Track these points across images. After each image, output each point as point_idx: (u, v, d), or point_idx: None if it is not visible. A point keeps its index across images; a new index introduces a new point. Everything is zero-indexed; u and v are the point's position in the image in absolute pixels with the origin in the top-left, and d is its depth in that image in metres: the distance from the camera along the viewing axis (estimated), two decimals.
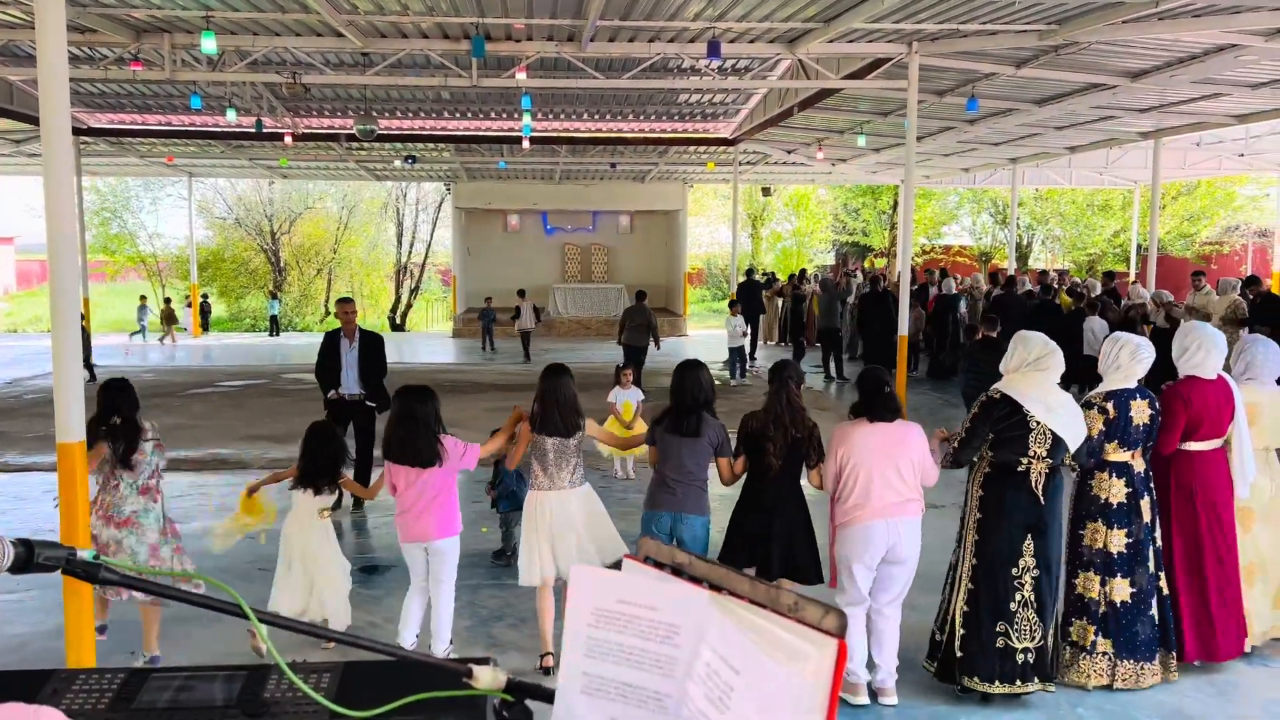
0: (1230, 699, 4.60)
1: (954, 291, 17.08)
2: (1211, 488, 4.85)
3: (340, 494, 5.41)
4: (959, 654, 4.49)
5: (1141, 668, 4.64)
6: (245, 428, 11.85)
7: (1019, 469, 4.42)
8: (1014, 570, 4.41)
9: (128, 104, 16.85)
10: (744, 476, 4.87)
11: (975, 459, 4.58)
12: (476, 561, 6.54)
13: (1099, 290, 14.61)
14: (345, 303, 8.40)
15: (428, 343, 25.59)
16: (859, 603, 4.56)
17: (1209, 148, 18.82)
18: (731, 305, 17.05)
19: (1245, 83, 12.25)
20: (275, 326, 27.85)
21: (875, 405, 4.51)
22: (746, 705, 1.21)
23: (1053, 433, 4.37)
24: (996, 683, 4.43)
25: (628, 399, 8.55)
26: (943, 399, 13.67)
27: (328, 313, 36.29)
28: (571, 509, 4.97)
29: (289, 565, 5.18)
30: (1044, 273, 19.15)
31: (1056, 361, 4.49)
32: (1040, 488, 4.41)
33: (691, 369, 4.94)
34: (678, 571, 1.43)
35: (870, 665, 4.64)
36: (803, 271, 24.12)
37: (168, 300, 25.40)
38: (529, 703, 1.45)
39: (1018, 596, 4.42)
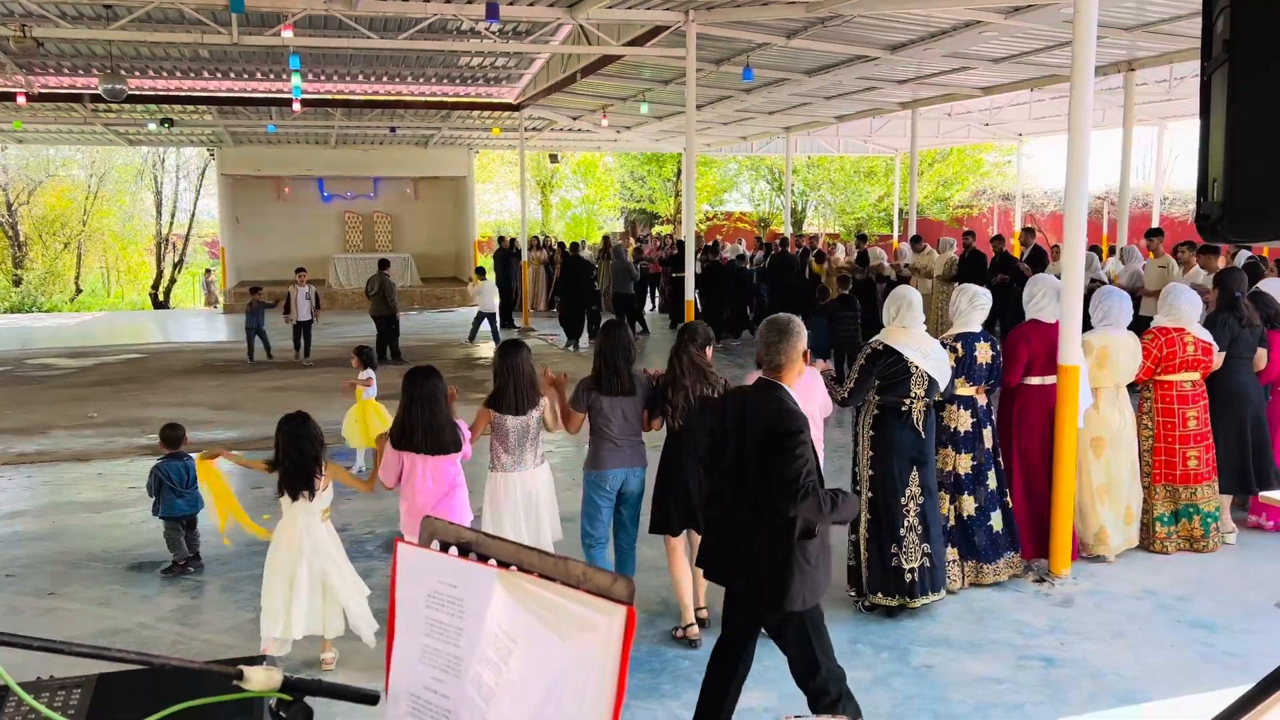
0: (986, 624, 5.07)
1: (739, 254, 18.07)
2: (1047, 416, 5.58)
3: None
4: (865, 574, 5.09)
5: (982, 567, 5.43)
6: None
7: (902, 409, 4.98)
8: (903, 499, 5.00)
9: None
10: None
11: (863, 403, 5.15)
12: (259, 550, 6.19)
13: (841, 252, 16.63)
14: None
15: (194, 320, 23.93)
16: None
17: (959, 117, 20.38)
18: (479, 272, 18.24)
19: (988, 57, 13.30)
20: None
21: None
22: (527, 673, 1.21)
23: (929, 375, 4.95)
24: (897, 596, 5.04)
25: (366, 377, 8.17)
26: (731, 359, 14.17)
27: (79, 290, 33.19)
28: (538, 489, 4.97)
29: (290, 583, 4.53)
30: (811, 236, 20.60)
31: (913, 318, 5.04)
32: (920, 424, 5.02)
33: (615, 329, 5.01)
34: (465, 550, 1.39)
35: None
36: (565, 243, 23.81)
37: None
38: (309, 700, 1.37)
39: (905, 522, 5.01)
